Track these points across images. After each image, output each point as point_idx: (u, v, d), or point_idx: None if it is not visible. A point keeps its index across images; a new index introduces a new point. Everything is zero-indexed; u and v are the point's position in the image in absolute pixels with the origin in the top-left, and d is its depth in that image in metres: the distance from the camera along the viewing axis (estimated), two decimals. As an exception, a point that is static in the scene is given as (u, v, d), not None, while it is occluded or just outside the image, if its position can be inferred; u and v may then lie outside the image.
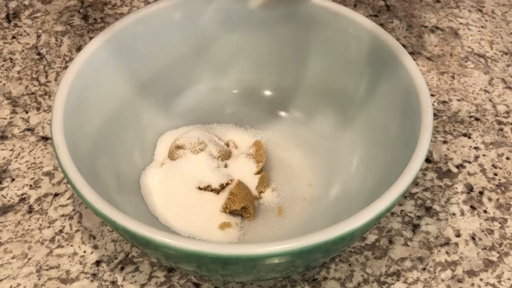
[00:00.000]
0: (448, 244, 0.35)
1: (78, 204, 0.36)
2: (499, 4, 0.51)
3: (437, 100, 0.43)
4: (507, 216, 0.36)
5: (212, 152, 0.35)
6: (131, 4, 0.49)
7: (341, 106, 0.38)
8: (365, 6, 0.50)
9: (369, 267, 0.33)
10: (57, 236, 0.34)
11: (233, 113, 0.40)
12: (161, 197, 0.35)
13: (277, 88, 0.40)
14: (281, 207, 0.35)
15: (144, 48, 0.36)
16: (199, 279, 0.33)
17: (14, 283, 0.32)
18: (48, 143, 0.39)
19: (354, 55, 0.36)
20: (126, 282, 0.33)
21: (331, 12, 0.36)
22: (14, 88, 0.43)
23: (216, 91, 0.40)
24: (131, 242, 0.29)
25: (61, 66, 0.44)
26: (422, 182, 0.38)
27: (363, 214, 0.26)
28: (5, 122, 0.40)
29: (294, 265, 0.28)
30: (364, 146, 0.36)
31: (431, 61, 0.45)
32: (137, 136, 0.37)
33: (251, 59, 0.39)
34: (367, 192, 0.32)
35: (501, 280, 0.33)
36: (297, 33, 0.37)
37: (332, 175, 0.36)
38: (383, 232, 0.35)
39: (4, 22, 0.48)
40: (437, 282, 0.33)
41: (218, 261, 0.25)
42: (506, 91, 0.43)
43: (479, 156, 0.39)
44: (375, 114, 0.35)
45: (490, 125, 0.41)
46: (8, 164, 0.38)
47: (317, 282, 0.33)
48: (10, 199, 0.36)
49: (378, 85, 0.35)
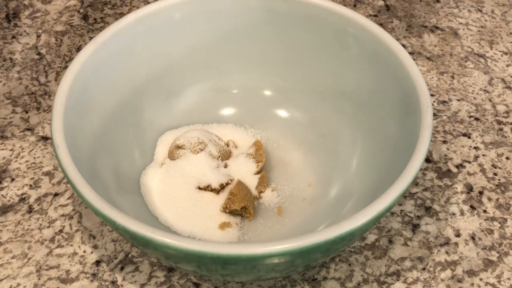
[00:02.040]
0: (448, 244, 0.35)
1: (78, 204, 0.36)
2: (499, 4, 0.51)
3: (437, 100, 0.43)
4: (506, 216, 0.36)
5: (212, 152, 0.35)
6: (131, 4, 0.49)
7: (341, 106, 0.38)
8: (365, 6, 0.50)
9: (369, 267, 0.33)
10: (57, 236, 0.34)
11: (233, 113, 0.40)
12: (161, 197, 0.35)
13: (277, 88, 0.40)
14: (281, 207, 0.35)
15: (144, 48, 0.36)
16: (199, 279, 0.33)
17: (14, 283, 0.32)
18: (48, 143, 0.39)
19: (354, 55, 0.36)
20: (126, 282, 0.33)
21: (331, 12, 0.36)
22: (14, 88, 0.43)
23: (216, 91, 0.40)
24: (131, 242, 0.29)
25: (61, 66, 0.44)
26: (422, 182, 0.38)
27: (363, 214, 0.26)
28: (5, 122, 0.40)
29: (294, 265, 0.28)
30: (364, 146, 0.36)
31: (431, 61, 0.45)
32: (137, 136, 0.37)
33: (251, 59, 0.39)
34: (367, 192, 0.32)
35: (500, 280, 0.33)
36: (297, 33, 0.37)
37: (332, 175, 0.36)
38: (383, 232, 0.35)
39: (4, 22, 0.48)
40: (437, 282, 0.33)
41: (218, 261, 0.25)
42: (506, 91, 0.43)
43: (479, 156, 0.39)
44: (375, 114, 0.35)
45: (490, 125, 0.41)
46: (8, 164, 0.38)
47: (317, 282, 0.33)
48: (10, 199, 0.36)
49: (378, 85, 0.35)
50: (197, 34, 0.38)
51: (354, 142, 0.36)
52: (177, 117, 0.39)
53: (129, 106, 0.36)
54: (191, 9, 0.37)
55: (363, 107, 0.36)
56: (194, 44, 0.38)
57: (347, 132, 0.37)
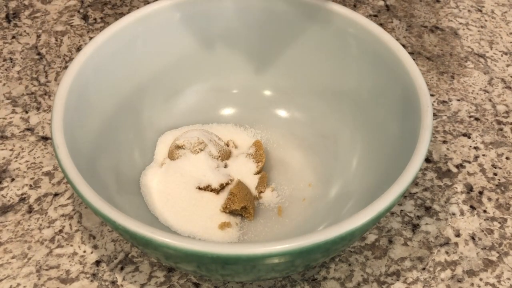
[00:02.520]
0: (447, 244, 0.35)
1: (78, 204, 0.36)
2: (498, 4, 0.51)
3: (437, 100, 0.43)
4: (506, 216, 0.36)
5: (212, 152, 0.35)
6: (131, 4, 0.49)
7: (341, 106, 0.38)
8: (365, 6, 0.50)
9: (369, 267, 0.33)
10: (57, 236, 0.34)
11: (233, 113, 0.40)
12: (161, 197, 0.35)
13: (277, 88, 0.40)
14: (281, 207, 0.35)
15: (144, 48, 0.36)
16: (199, 279, 0.33)
17: (14, 283, 0.32)
18: (48, 143, 0.39)
19: (354, 55, 0.36)
20: (126, 282, 0.33)
21: (331, 12, 0.36)
22: (14, 88, 0.43)
23: (216, 91, 0.40)
24: (131, 242, 0.29)
25: (61, 66, 0.44)
26: (422, 182, 0.38)
27: (363, 214, 0.26)
28: (5, 122, 0.40)
29: (294, 265, 0.28)
30: (364, 146, 0.36)
31: (431, 61, 0.45)
32: (137, 136, 0.37)
33: (251, 59, 0.39)
34: (367, 192, 0.32)
35: (500, 280, 0.33)
36: (297, 33, 0.37)
37: (332, 175, 0.36)
38: (383, 232, 0.35)
39: (4, 22, 0.48)
40: (437, 282, 0.33)
41: (218, 261, 0.25)
42: (505, 91, 0.43)
43: (479, 156, 0.39)
44: (375, 114, 0.35)
45: (489, 125, 0.41)
46: (8, 164, 0.38)
47: (317, 282, 0.33)
48: (10, 199, 0.36)
49: (378, 85, 0.35)
50: (197, 34, 0.38)
51: (354, 142, 0.36)
52: (177, 117, 0.39)
53: (129, 106, 0.36)
54: (191, 9, 0.37)
55: (363, 107, 0.36)
56: (194, 44, 0.38)
57: (347, 132, 0.37)
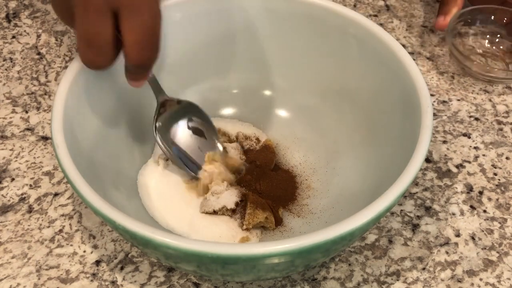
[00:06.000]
0: (447, 244, 0.35)
1: (78, 203, 0.36)
2: (499, 4, 0.51)
3: (437, 100, 0.43)
4: (506, 216, 0.36)
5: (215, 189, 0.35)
6: (131, 4, 0.49)
7: (341, 106, 0.38)
8: (365, 6, 0.50)
9: (369, 267, 0.33)
10: (57, 235, 0.34)
11: (233, 113, 0.40)
12: (160, 197, 0.35)
13: (277, 88, 0.40)
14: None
15: (144, 48, 0.36)
16: (199, 278, 0.33)
17: (14, 283, 0.32)
18: (48, 143, 0.39)
19: (354, 55, 0.36)
20: (126, 281, 0.33)
21: (331, 12, 0.36)
22: (14, 88, 0.43)
23: (216, 91, 0.40)
24: (131, 242, 0.29)
25: (61, 66, 0.44)
26: (422, 182, 0.38)
27: (363, 214, 0.26)
28: (5, 122, 0.40)
29: (294, 265, 0.28)
30: (364, 146, 0.36)
31: (431, 61, 0.45)
32: (137, 135, 0.37)
33: (251, 59, 0.39)
34: (367, 192, 0.32)
35: (500, 280, 0.33)
36: (297, 33, 0.37)
37: (332, 175, 0.36)
38: (383, 232, 0.35)
39: (4, 22, 0.48)
40: (437, 282, 0.33)
41: (218, 261, 0.25)
42: (506, 91, 0.43)
43: (479, 156, 0.39)
44: (375, 114, 0.35)
45: (489, 125, 0.41)
46: (8, 164, 0.38)
47: (317, 281, 0.33)
48: (10, 198, 0.36)
49: (378, 85, 0.35)
50: (197, 34, 0.38)
51: (354, 142, 0.36)
52: (177, 117, 0.39)
53: (129, 105, 0.36)
54: (191, 9, 0.37)
55: (363, 107, 0.36)
56: (194, 44, 0.38)
57: (347, 132, 0.37)
